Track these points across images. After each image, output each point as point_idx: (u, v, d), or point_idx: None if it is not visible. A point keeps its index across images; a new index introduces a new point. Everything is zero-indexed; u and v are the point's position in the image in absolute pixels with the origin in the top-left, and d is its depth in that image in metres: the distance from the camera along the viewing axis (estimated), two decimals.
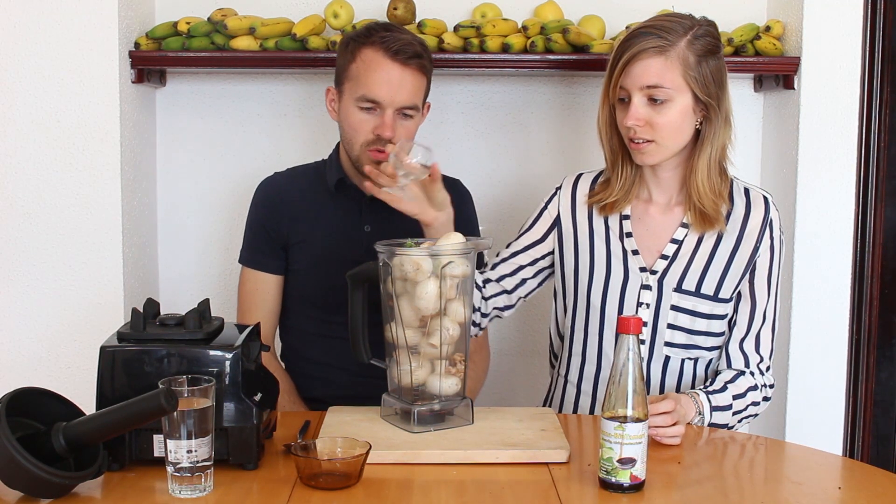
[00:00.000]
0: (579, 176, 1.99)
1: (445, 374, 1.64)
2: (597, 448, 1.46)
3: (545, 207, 2.00)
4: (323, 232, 2.07)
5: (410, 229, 1.86)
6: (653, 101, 1.78)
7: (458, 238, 1.66)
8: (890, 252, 2.40)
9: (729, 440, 1.78)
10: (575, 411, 1.99)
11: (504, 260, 2.00)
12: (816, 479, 1.59)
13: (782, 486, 1.52)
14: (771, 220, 1.88)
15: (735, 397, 1.85)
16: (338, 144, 2.11)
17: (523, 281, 2.00)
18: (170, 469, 1.39)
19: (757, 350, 1.90)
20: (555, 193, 2.00)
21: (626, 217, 1.92)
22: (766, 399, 1.90)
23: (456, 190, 2.20)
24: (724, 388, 1.85)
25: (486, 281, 1.99)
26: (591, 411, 1.97)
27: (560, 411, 2.01)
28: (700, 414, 1.80)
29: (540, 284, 2.03)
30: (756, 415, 1.90)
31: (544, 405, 2.10)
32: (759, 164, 2.54)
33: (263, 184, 2.15)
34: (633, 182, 1.91)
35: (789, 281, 2.35)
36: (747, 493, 1.48)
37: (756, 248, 1.87)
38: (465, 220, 2.17)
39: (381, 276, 1.64)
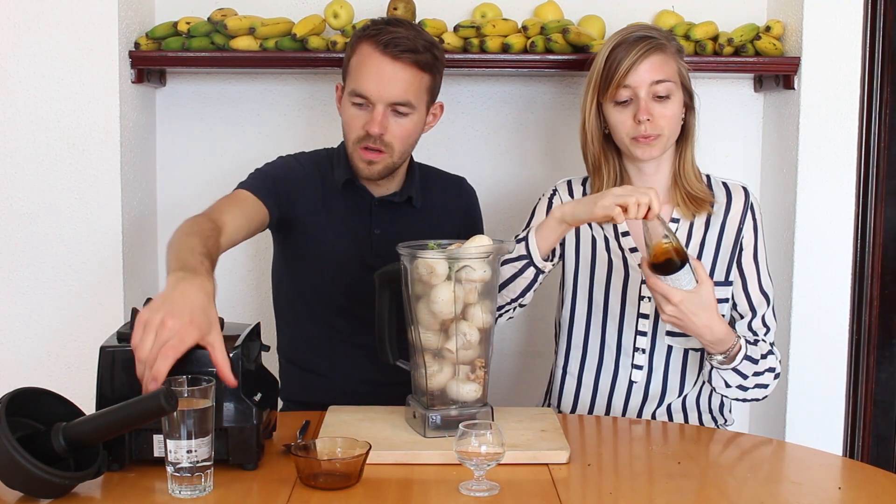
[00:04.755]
0: (570, 181, 2.05)
1: (464, 379, 1.64)
2: (597, 448, 1.46)
3: (550, 206, 2.02)
4: (333, 229, 2.03)
5: (419, 233, 1.84)
6: (657, 96, 1.88)
7: (483, 241, 1.63)
8: (890, 252, 2.40)
9: (729, 440, 1.78)
10: (575, 403, 2.01)
11: None
12: (816, 479, 1.59)
13: (782, 486, 1.52)
14: (752, 205, 1.98)
15: (760, 356, 1.88)
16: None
17: None
18: (170, 469, 1.39)
19: (764, 324, 1.95)
20: (554, 194, 2.02)
21: None
22: (777, 375, 1.92)
23: (461, 189, 2.19)
24: (755, 342, 1.89)
25: None
26: (592, 404, 1.98)
27: (560, 404, 2.03)
28: (725, 356, 1.83)
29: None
30: (766, 386, 1.90)
31: (545, 398, 2.11)
32: (759, 164, 2.54)
33: (290, 158, 2.08)
34: (619, 183, 1.96)
35: (789, 281, 2.35)
36: (747, 493, 1.48)
37: (739, 230, 1.96)
38: (472, 220, 2.17)
39: (402, 277, 1.63)
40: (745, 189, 1.99)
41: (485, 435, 1.43)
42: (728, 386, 1.88)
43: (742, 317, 1.95)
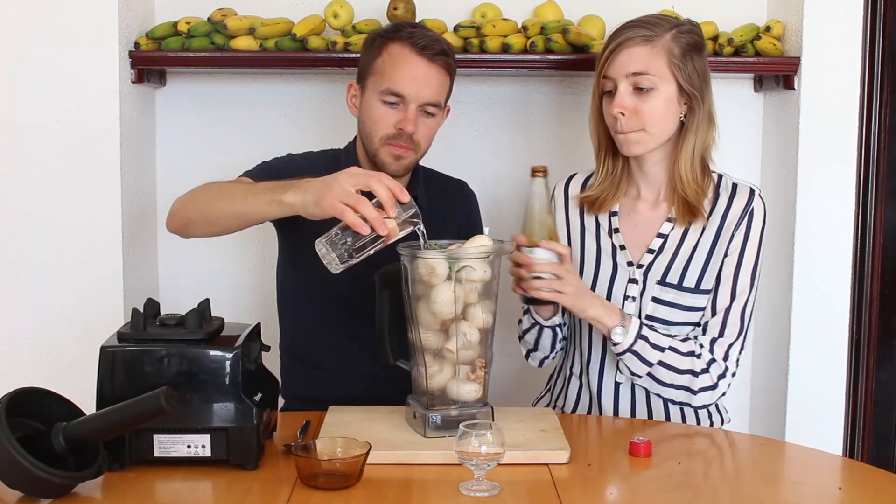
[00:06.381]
0: (571, 177, 2.02)
1: (465, 379, 1.64)
2: (597, 448, 1.46)
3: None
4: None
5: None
6: (638, 89, 1.82)
7: (483, 241, 1.63)
8: (890, 252, 2.40)
9: (729, 440, 1.78)
10: (576, 404, 2.00)
11: None
12: (816, 479, 1.59)
13: (782, 486, 1.52)
14: (752, 210, 1.87)
15: (671, 349, 1.82)
16: (354, 140, 2.10)
17: None
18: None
19: (720, 330, 1.85)
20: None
21: (615, 213, 1.95)
22: (710, 387, 1.83)
23: (462, 192, 2.21)
24: (667, 335, 1.84)
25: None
26: (590, 404, 1.98)
27: (564, 404, 2.02)
28: (623, 327, 1.80)
29: None
30: (690, 391, 1.83)
31: (539, 398, 2.11)
32: (759, 164, 2.54)
33: (298, 156, 2.09)
34: (619, 177, 1.94)
35: (789, 281, 2.35)
36: (747, 493, 1.48)
37: (732, 236, 1.87)
38: (473, 223, 2.17)
39: (402, 277, 1.63)
40: (752, 191, 1.88)
41: (485, 435, 1.43)
42: (649, 368, 1.81)
43: (699, 325, 1.86)
